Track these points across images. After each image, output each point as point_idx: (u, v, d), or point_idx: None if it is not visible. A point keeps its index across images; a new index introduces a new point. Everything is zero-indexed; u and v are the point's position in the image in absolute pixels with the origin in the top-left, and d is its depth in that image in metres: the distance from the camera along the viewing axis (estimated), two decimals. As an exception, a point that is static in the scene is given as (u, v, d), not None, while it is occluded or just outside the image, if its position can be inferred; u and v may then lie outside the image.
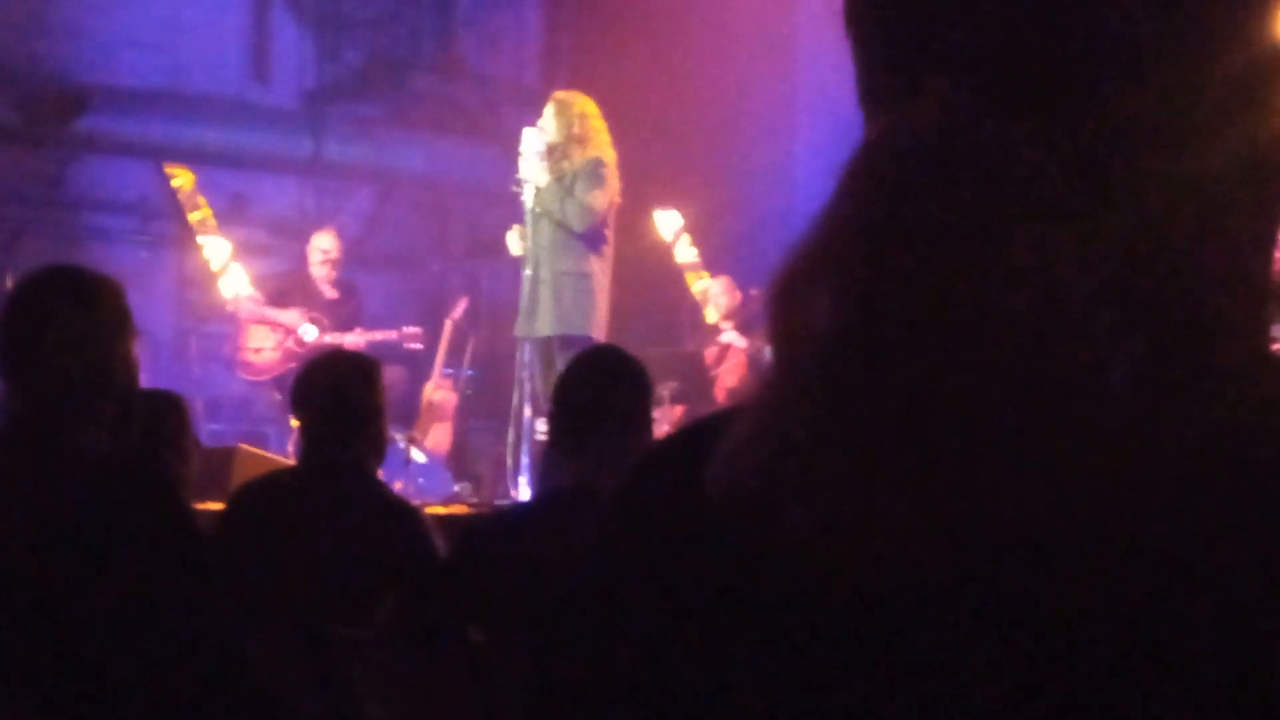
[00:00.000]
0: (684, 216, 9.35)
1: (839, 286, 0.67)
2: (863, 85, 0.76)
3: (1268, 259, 0.73)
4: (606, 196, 6.92)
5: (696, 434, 0.77)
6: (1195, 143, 0.69)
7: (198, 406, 4.57)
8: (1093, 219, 0.67)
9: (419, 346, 8.69)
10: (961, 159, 0.67)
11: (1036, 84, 0.69)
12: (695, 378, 8.12)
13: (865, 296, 0.67)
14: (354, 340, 8.36)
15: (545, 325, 6.95)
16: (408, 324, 8.79)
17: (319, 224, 10.08)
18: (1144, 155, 0.69)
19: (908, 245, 0.66)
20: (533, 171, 6.96)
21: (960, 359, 0.65)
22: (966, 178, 0.67)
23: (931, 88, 0.70)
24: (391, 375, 7.00)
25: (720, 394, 8.24)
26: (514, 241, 7.11)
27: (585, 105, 7.09)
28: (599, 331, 6.91)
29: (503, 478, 7.68)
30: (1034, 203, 0.67)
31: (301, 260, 9.02)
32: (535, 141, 6.98)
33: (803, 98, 10.02)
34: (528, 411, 7.14)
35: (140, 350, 2.82)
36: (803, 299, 0.69)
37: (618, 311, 7.20)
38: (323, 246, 8.81)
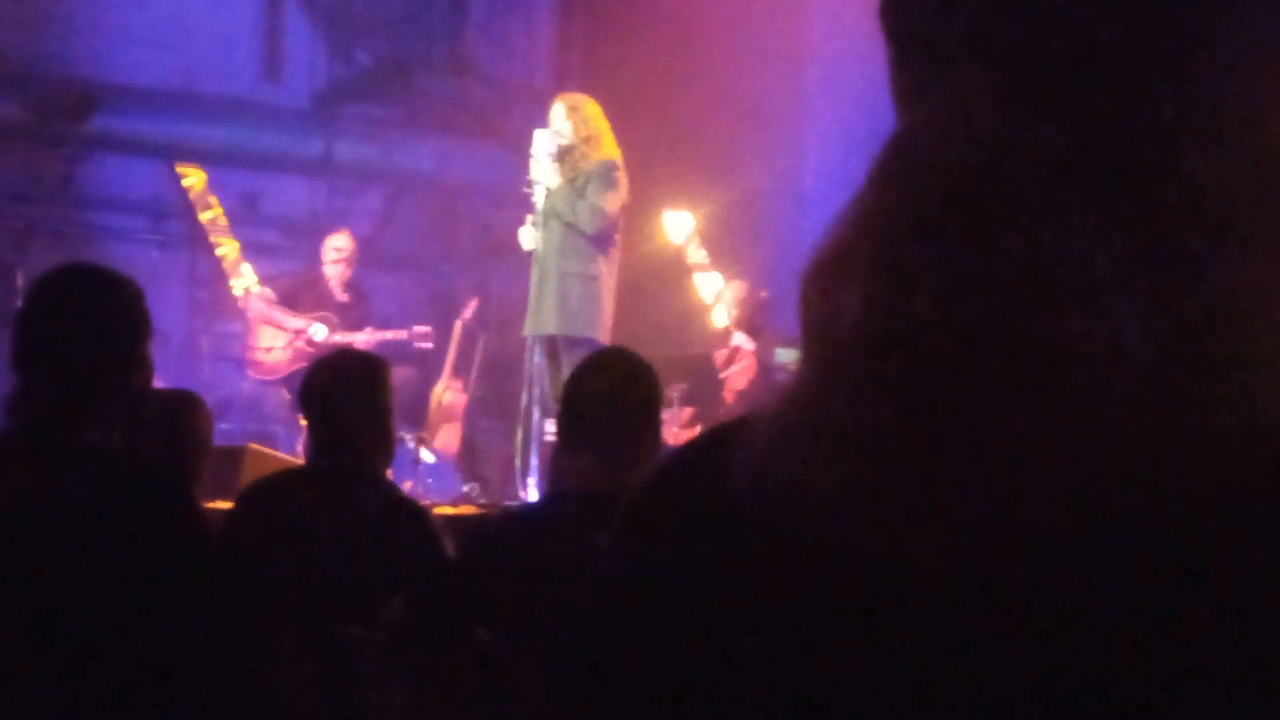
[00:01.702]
0: (694, 218, 9.35)
1: (865, 281, 0.68)
2: (894, 82, 0.76)
3: None
4: (619, 199, 6.91)
5: (721, 435, 0.77)
6: (1223, 138, 0.69)
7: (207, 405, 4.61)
8: (1114, 211, 0.67)
9: (429, 345, 8.69)
10: (984, 154, 0.68)
11: (1060, 81, 0.69)
12: (704, 380, 8.11)
13: (890, 291, 0.67)
14: (364, 339, 8.36)
15: (550, 324, 6.95)
16: (418, 324, 8.79)
17: (330, 224, 10.09)
18: (1167, 149, 0.69)
19: (930, 239, 0.67)
20: (544, 173, 6.96)
21: (982, 349, 0.66)
22: (988, 173, 0.67)
23: (957, 84, 0.70)
24: (401, 375, 7.00)
25: (729, 396, 8.24)
26: (527, 236, 7.09)
27: (593, 106, 7.09)
28: (603, 334, 6.90)
29: (511, 478, 7.68)
30: (1055, 196, 0.67)
31: (313, 260, 9.02)
32: (547, 143, 6.97)
33: (813, 100, 10.02)
34: (537, 412, 7.14)
35: (151, 349, 2.82)
36: (832, 293, 0.69)
37: (627, 313, 7.19)
38: (337, 246, 8.82)
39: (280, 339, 8.67)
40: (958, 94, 0.70)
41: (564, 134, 6.98)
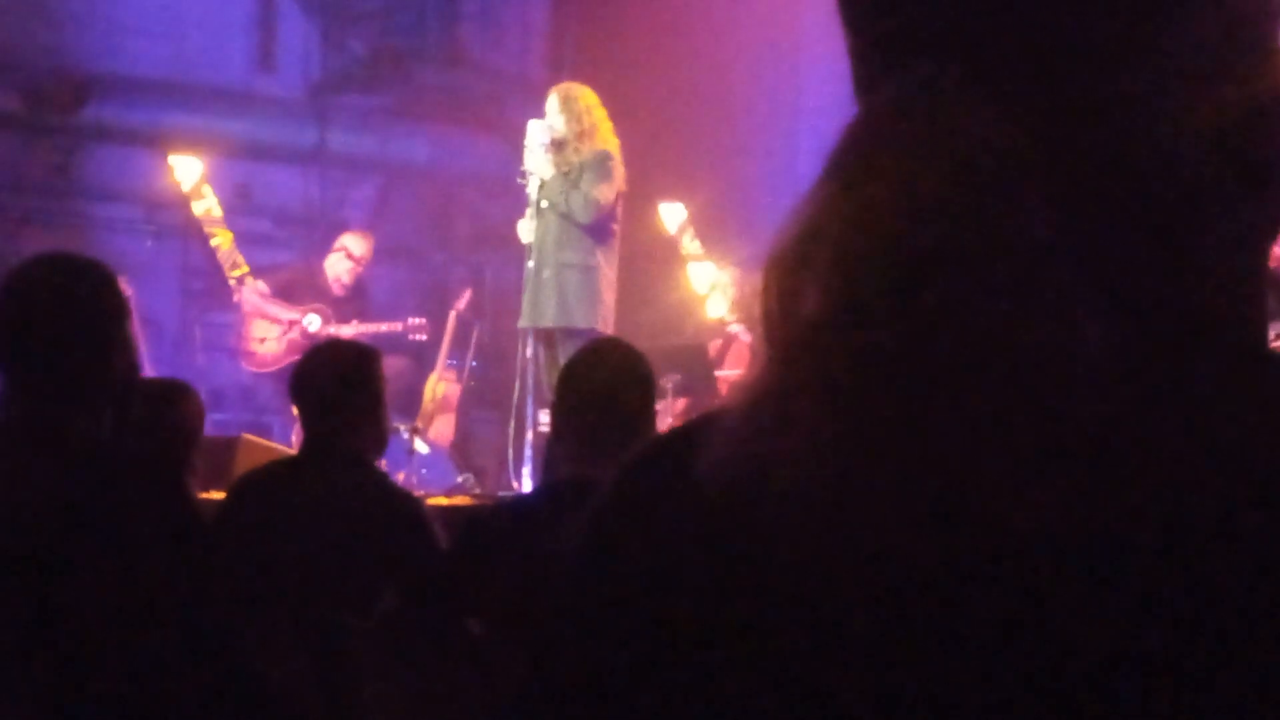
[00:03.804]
0: (689, 209, 9.35)
1: (823, 273, 0.68)
2: (854, 71, 0.76)
3: (1261, 250, 0.73)
4: (613, 190, 6.90)
5: (691, 430, 0.77)
6: (1177, 123, 0.69)
7: (201, 396, 4.61)
8: (1071, 206, 0.67)
9: (423, 338, 8.69)
10: (935, 146, 0.68)
11: (1015, 72, 0.69)
12: (699, 370, 8.10)
13: (846, 284, 0.67)
14: (357, 331, 8.36)
15: (548, 317, 6.94)
16: (412, 315, 8.79)
17: (324, 215, 10.08)
18: (1128, 143, 0.69)
19: (883, 233, 0.67)
20: (538, 164, 6.95)
21: (938, 343, 0.65)
22: (940, 165, 0.67)
23: (909, 74, 0.70)
24: (395, 366, 7.00)
25: (724, 387, 8.23)
26: (525, 228, 7.08)
27: (589, 97, 7.06)
28: (604, 324, 6.89)
29: (506, 469, 7.68)
30: (1009, 189, 0.67)
31: (308, 250, 9.00)
32: (540, 133, 6.96)
33: (808, 89, 10.01)
34: (531, 403, 7.14)
35: (144, 339, 2.81)
36: (791, 281, 0.69)
37: (621, 304, 7.19)
38: (350, 245, 8.79)
39: (274, 330, 8.66)
40: (911, 80, 0.70)
41: (557, 126, 6.97)
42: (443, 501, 6.06)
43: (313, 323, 8.58)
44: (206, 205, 9.22)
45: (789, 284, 0.69)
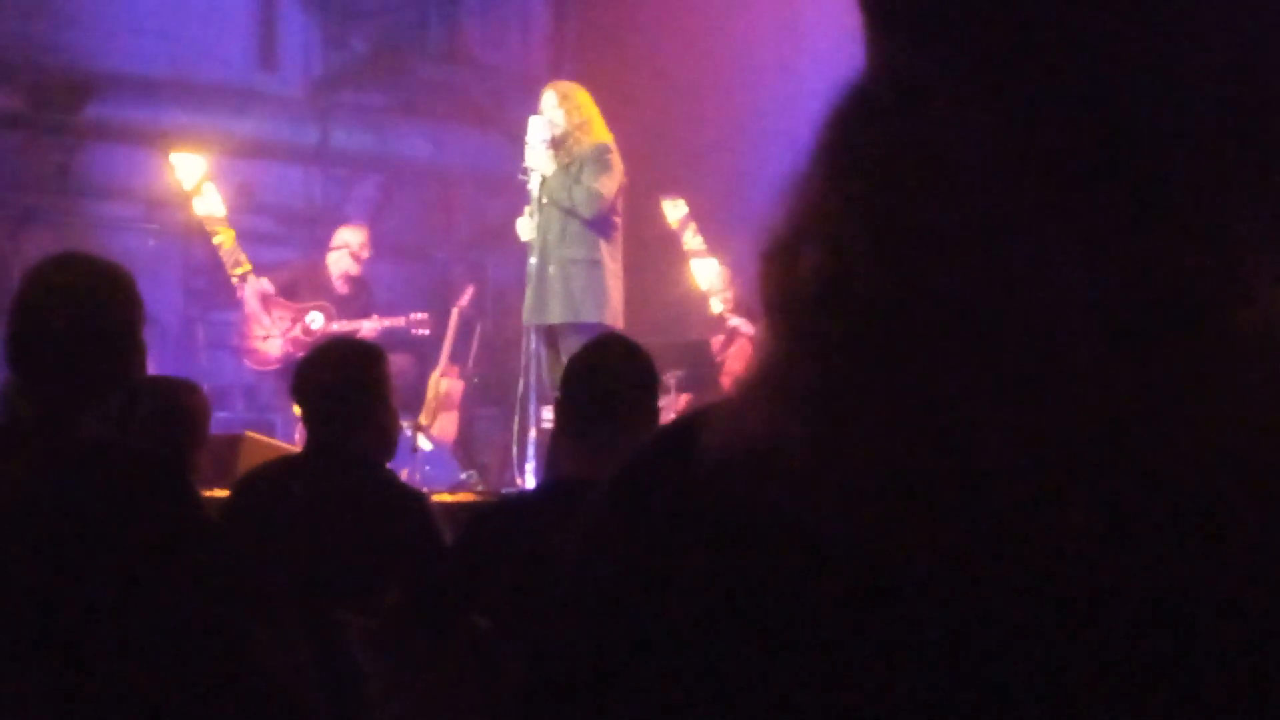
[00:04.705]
0: (690, 205, 9.35)
1: (816, 259, 0.68)
2: (865, 49, 0.77)
3: (1267, 235, 0.72)
4: (614, 182, 6.89)
5: (691, 422, 0.77)
6: (1177, 114, 0.69)
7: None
8: (1062, 188, 0.67)
9: (426, 332, 8.68)
10: (914, 117, 0.68)
11: (1007, 54, 0.69)
12: (701, 366, 8.11)
13: (840, 268, 0.67)
14: (360, 327, 8.36)
15: (555, 313, 6.93)
16: (414, 312, 8.79)
17: (325, 213, 10.07)
18: (1117, 126, 0.69)
19: (875, 216, 0.67)
20: (539, 160, 6.95)
21: (933, 321, 0.66)
22: (920, 134, 0.67)
23: (902, 53, 0.70)
24: (398, 363, 6.99)
25: (727, 381, 8.23)
26: (524, 226, 7.08)
27: (584, 93, 7.08)
28: (612, 318, 6.88)
29: (509, 466, 7.69)
30: (999, 172, 0.67)
31: (309, 248, 8.98)
32: (541, 130, 6.96)
33: (810, 85, 10.01)
34: (534, 400, 7.14)
35: (147, 338, 2.82)
36: (786, 272, 0.70)
37: (625, 299, 7.19)
38: (350, 241, 8.79)
39: (277, 327, 8.66)
40: (900, 69, 0.70)
41: (557, 122, 6.97)
42: (446, 498, 6.07)
43: (315, 320, 8.57)
44: (208, 204, 9.22)
45: (784, 274, 0.70)
